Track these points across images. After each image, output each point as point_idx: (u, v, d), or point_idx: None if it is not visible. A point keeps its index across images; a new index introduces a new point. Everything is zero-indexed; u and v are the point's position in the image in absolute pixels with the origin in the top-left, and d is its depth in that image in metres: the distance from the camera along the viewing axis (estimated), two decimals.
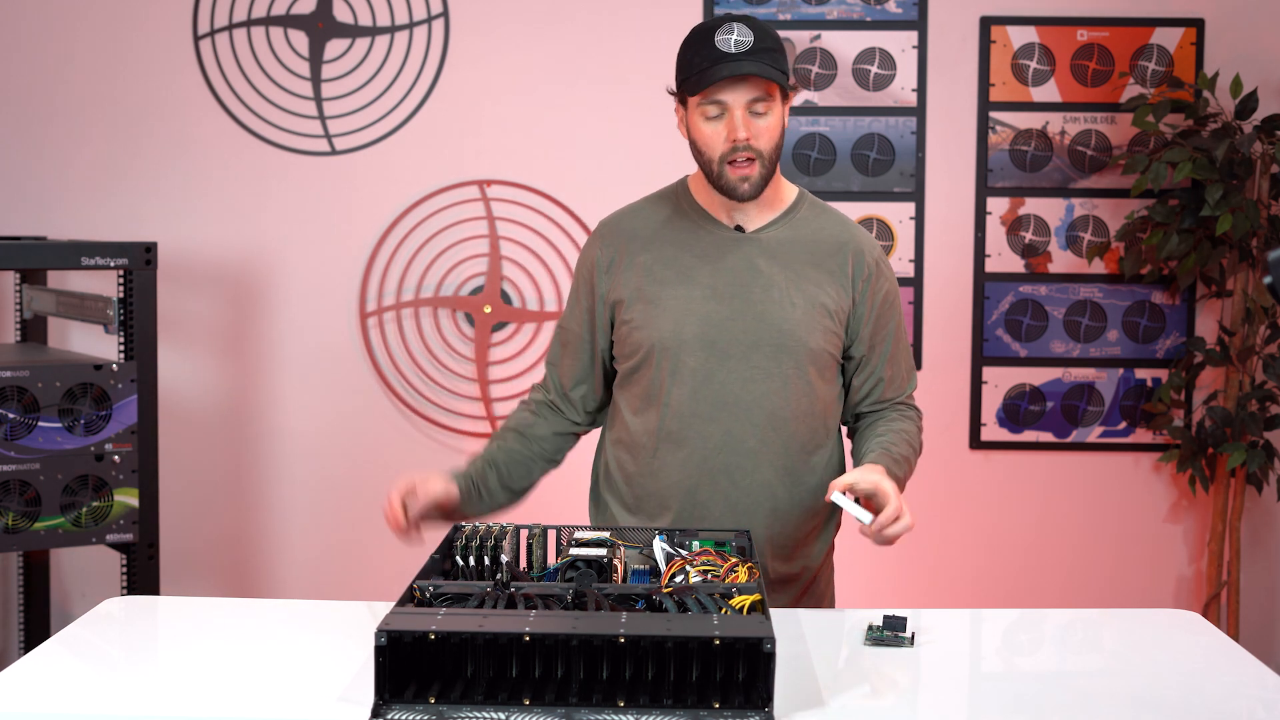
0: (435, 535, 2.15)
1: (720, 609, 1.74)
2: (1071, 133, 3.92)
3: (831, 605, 2.43)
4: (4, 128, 3.98)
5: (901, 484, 2.22)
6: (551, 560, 2.05)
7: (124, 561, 3.26)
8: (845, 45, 3.92)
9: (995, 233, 3.95)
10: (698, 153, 2.22)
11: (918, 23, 3.91)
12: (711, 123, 2.18)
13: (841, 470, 2.38)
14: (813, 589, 2.37)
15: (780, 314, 2.25)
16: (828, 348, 2.28)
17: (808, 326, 2.25)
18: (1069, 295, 3.96)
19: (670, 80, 2.26)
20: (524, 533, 2.07)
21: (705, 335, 2.25)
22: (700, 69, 2.15)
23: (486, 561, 1.98)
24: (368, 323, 3.98)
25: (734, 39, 2.15)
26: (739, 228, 2.29)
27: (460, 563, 1.98)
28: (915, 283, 3.95)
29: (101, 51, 3.95)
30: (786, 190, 2.34)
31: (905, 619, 1.96)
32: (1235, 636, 3.81)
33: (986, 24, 3.91)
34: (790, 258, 2.28)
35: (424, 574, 1.89)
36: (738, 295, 2.26)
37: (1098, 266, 3.95)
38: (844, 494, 2.06)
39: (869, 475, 2.09)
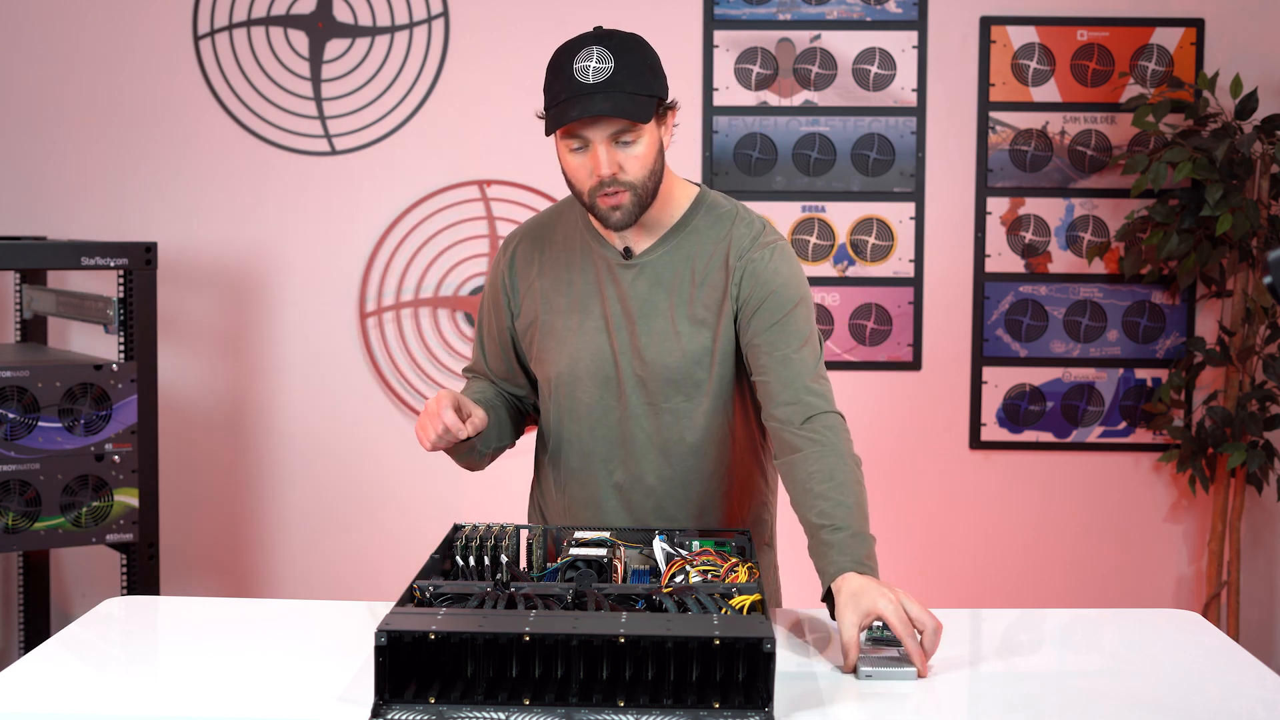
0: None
1: (720, 609, 1.74)
2: (1071, 133, 3.92)
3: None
4: (4, 128, 3.98)
5: (870, 552, 1.95)
6: (551, 560, 2.05)
7: (124, 561, 3.26)
8: (845, 45, 3.92)
9: (995, 233, 3.95)
10: (568, 184, 2.11)
11: (918, 23, 3.91)
12: (576, 155, 2.06)
13: (760, 496, 2.29)
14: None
15: (666, 346, 2.15)
16: (722, 373, 2.16)
17: (695, 357, 2.15)
18: (1069, 295, 3.96)
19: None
20: (524, 533, 2.06)
21: (599, 370, 2.18)
22: (557, 102, 2.02)
23: (486, 561, 1.98)
24: (368, 323, 3.98)
25: (591, 66, 2.00)
26: (627, 250, 2.18)
27: (460, 563, 1.98)
28: (915, 283, 3.95)
29: (101, 51, 3.95)
30: (679, 202, 2.20)
31: None
32: (1235, 636, 3.81)
33: (986, 24, 3.91)
34: (676, 281, 2.16)
35: (424, 574, 1.89)
36: (625, 327, 2.17)
37: (1098, 266, 3.95)
38: (865, 666, 1.81)
39: (859, 607, 1.83)
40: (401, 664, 1.60)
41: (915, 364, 3.96)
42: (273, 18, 3.95)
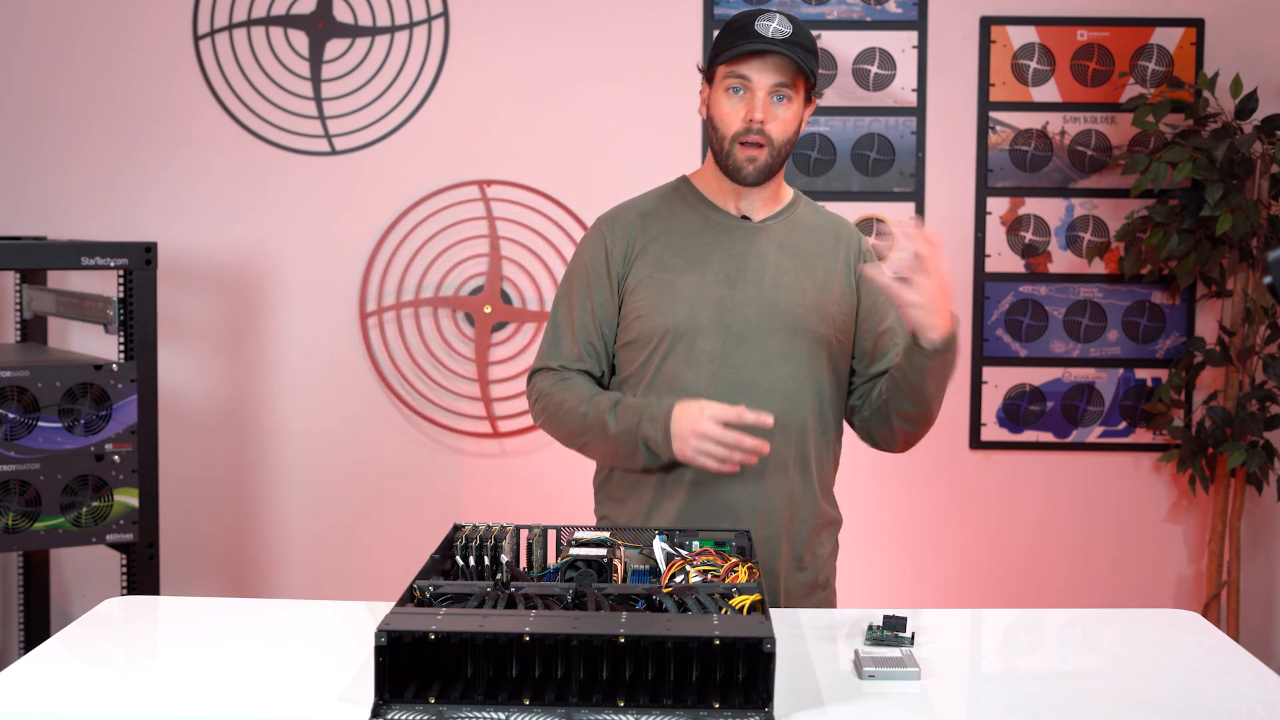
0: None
1: (720, 609, 1.74)
2: (1071, 133, 3.92)
3: (834, 597, 2.46)
4: (4, 128, 3.98)
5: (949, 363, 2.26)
6: (551, 560, 2.05)
7: (124, 561, 3.26)
8: (845, 45, 3.92)
9: (995, 233, 3.95)
10: (713, 129, 2.28)
11: (918, 23, 3.91)
12: (732, 99, 2.25)
13: (834, 461, 2.43)
14: (823, 578, 2.40)
15: (793, 299, 2.31)
16: (838, 335, 2.34)
17: (819, 313, 2.32)
18: (1069, 295, 3.96)
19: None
20: (524, 533, 2.06)
21: (720, 319, 2.29)
22: (734, 44, 2.22)
23: (486, 561, 1.98)
24: (368, 323, 3.98)
25: (773, 26, 2.22)
26: (745, 218, 2.35)
27: (460, 563, 1.98)
28: None
29: (101, 51, 3.95)
30: (786, 190, 2.42)
31: (905, 619, 1.96)
32: (1235, 636, 3.81)
33: (986, 24, 3.91)
34: (798, 247, 2.35)
35: (424, 574, 1.89)
36: (750, 280, 2.31)
37: (1098, 266, 3.95)
38: (866, 667, 1.82)
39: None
40: (401, 664, 1.60)
41: None
42: (273, 18, 3.94)
